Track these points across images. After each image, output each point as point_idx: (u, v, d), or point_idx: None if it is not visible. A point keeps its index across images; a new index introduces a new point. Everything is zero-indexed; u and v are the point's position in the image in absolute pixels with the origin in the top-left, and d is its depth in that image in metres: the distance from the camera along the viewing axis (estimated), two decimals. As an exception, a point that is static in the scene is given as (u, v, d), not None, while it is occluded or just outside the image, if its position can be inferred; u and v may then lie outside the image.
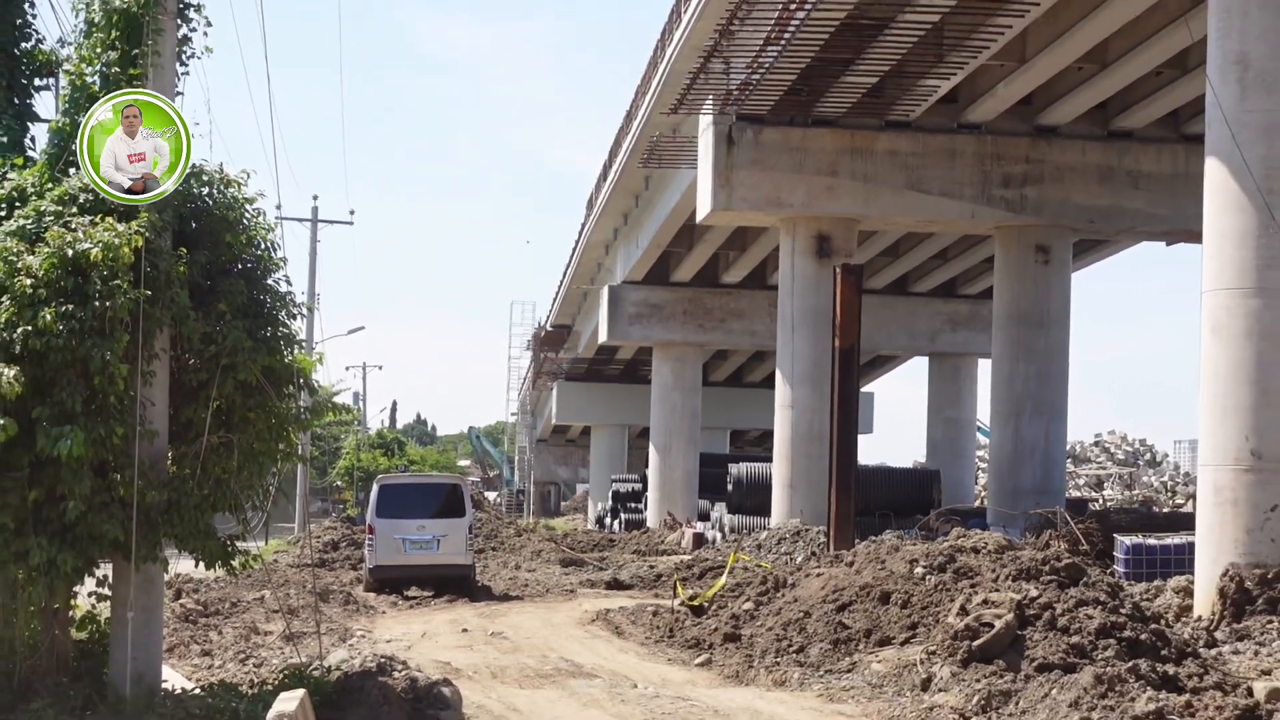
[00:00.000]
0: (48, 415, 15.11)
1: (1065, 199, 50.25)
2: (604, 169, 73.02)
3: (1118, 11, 39.55)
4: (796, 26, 41.67)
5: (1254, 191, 22.93)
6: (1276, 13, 22.96)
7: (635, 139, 61.62)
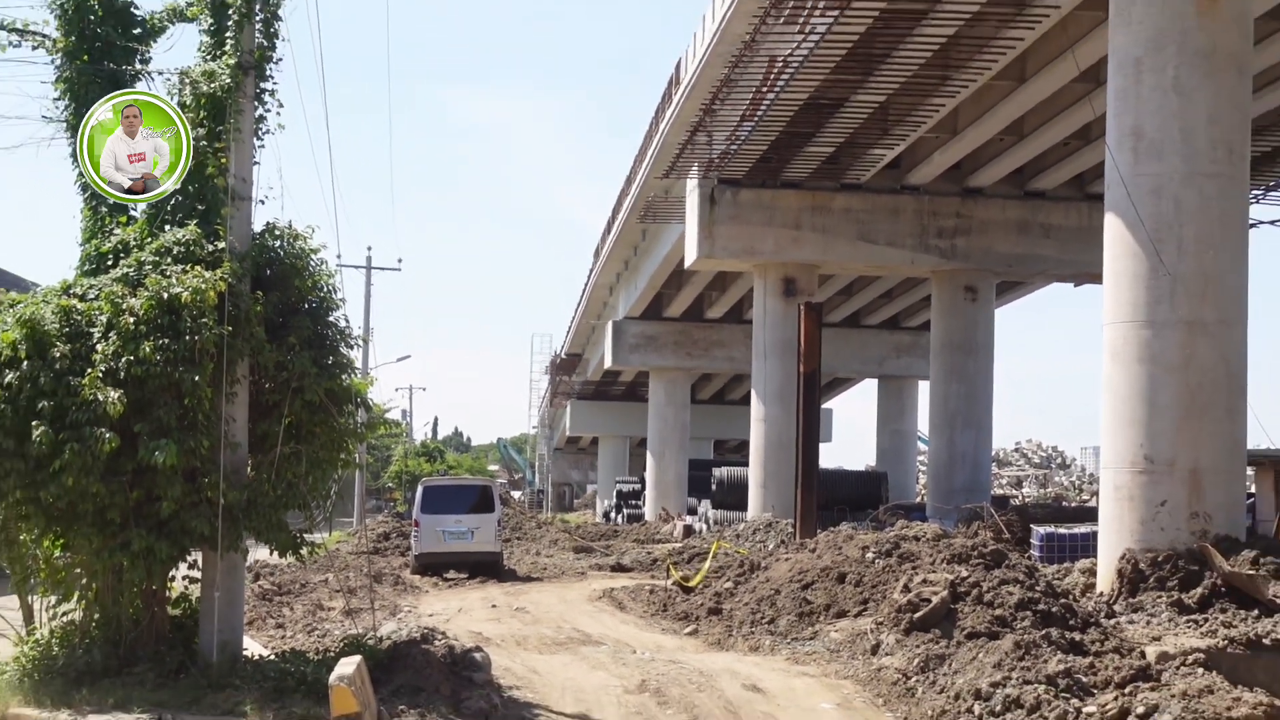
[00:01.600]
0: (146, 430, 15.15)
1: (989, 248, 50.42)
2: (608, 224, 73.08)
3: (1032, 93, 39.70)
4: (767, 106, 41.82)
5: (1145, 241, 22.97)
6: (1163, 94, 23.02)
7: (634, 199, 61.62)
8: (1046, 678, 15.99)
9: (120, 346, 15.28)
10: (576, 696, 18.03)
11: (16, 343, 15.32)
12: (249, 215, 16.76)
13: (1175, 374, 22.93)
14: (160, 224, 16.74)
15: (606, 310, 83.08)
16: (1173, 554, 22.10)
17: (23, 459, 15.08)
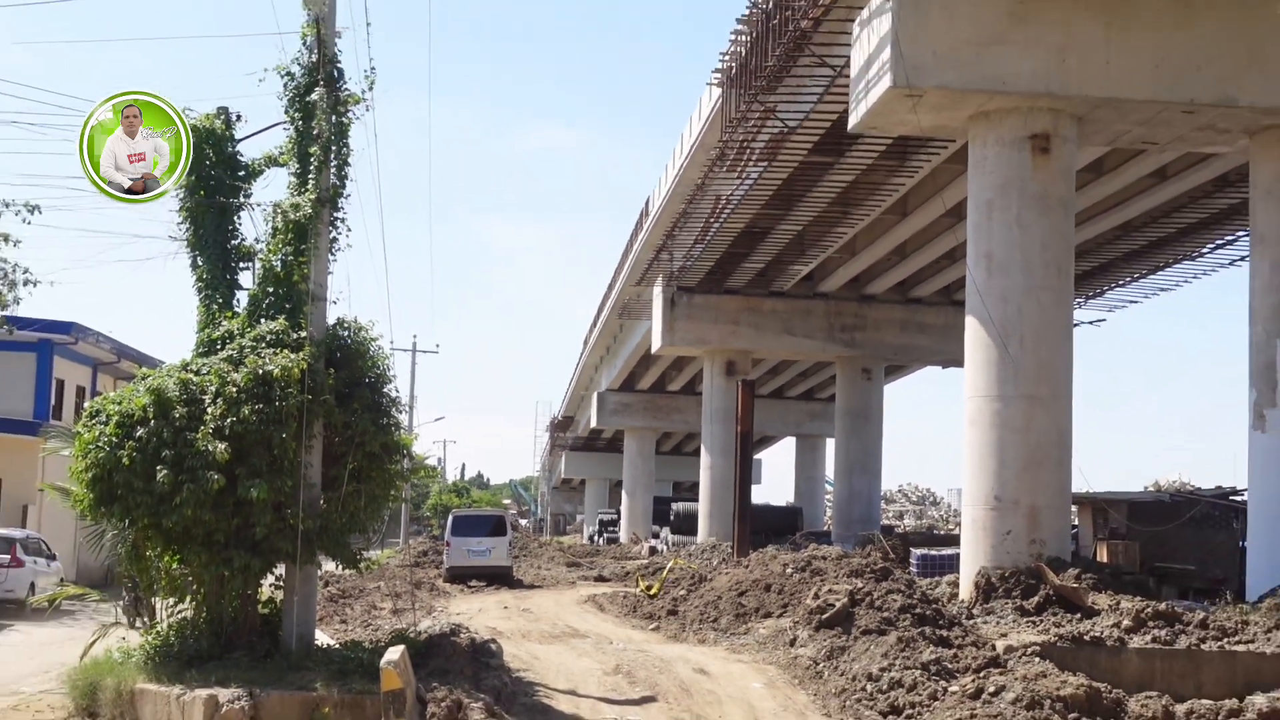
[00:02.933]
0: (245, 473, 15.09)
1: (880, 340, 50.60)
2: (594, 319, 73.41)
3: (911, 224, 39.95)
4: (713, 233, 42.03)
5: (995, 336, 23.00)
6: (1008, 228, 23.06)
7: (614, 301, 61.85)
8: (921, 665, 15.92)
9: (225, 410, 15.24)
10: (567, 676, 17.91)
11: (146, 406, 15.32)
12: (324, 312, 16.70)
13: (1018, 435, 22.91)
14: (257, 318, 16.67)
15: (593, 384, 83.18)
16: (1016, 571, 22.02)
17: (149, 495, 15.04)
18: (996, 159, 23.38)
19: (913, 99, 22.79)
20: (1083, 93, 22.70)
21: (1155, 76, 22.73)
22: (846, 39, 24.91)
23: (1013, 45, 22.48)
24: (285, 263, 16.64)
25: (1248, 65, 22.76)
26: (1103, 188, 33.80)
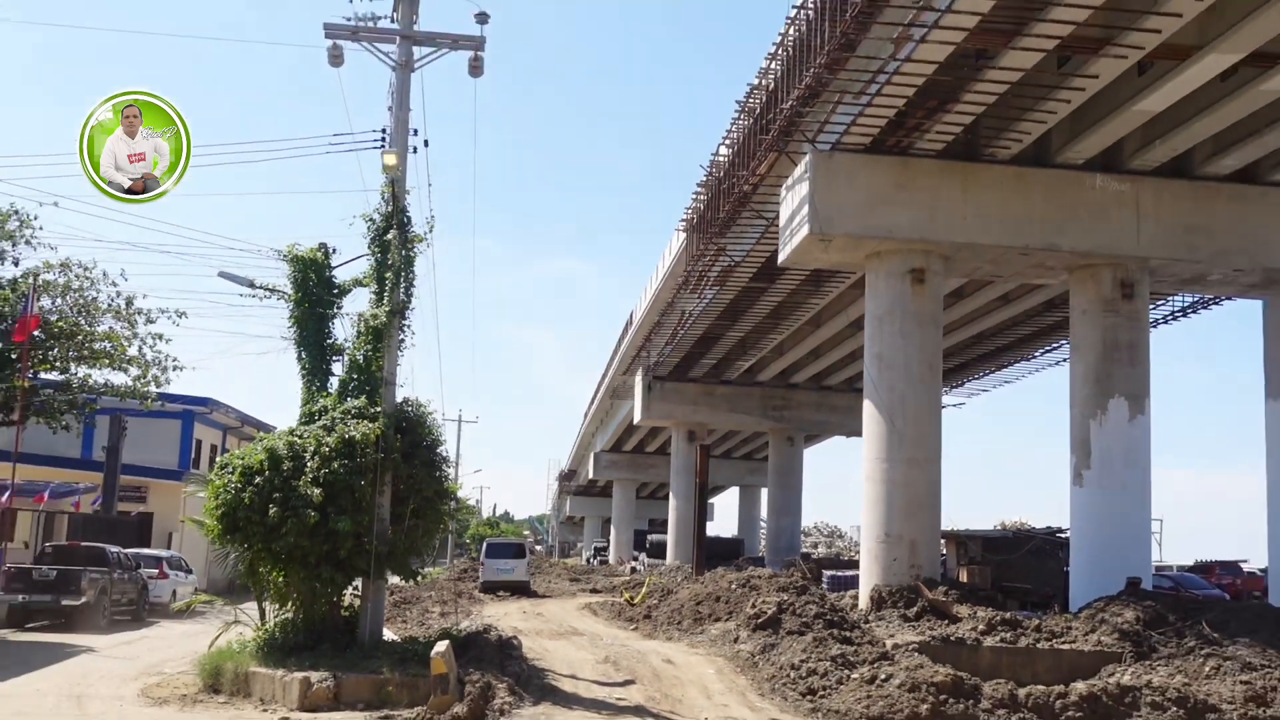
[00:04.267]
0: (333, 511, 14.97)
1: (801, 417, 50.65)
2: (592, 398, 73.56)
3: (824, 332, 40.14)
4: (680, 338, 42.21)
5: (885, 415, 23.04)
6: (895, 336, 23.20)
7: (607, 385, 62.08)
8: (830, 657, 15.77)
9: (320, 464, 15.17)
10: (569, 664, 17.72)
11: (262, 461, 15.26)
12: (394, 393, 16.65)
13: (901, 488, 22.88)
14: (344, 397, 16.61)
15: (590, 446, 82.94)
16: (900, 588, 21.91)
17: (263, 526, 14.96)
18: (886, 287, 23.55)
19: (825, 243, 22.99)
20: (947, 239, 22.91)
21: (1000, 228, 22.98)
22: (776, 199, 25.18)
23: (897, 205, 22.71)
24: (366, 357, 16.64)
25: (1066, 221, 23.01)
26: (963, 307, 34.07)
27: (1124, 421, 23.06)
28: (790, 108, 20.75)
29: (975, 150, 22.78)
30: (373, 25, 16.57)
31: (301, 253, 17.37)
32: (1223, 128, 21.54)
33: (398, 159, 16.36)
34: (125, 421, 35.56)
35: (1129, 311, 23.51)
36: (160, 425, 41.24)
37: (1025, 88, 20.00)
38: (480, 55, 16.91)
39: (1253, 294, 25.58)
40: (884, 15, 17.55)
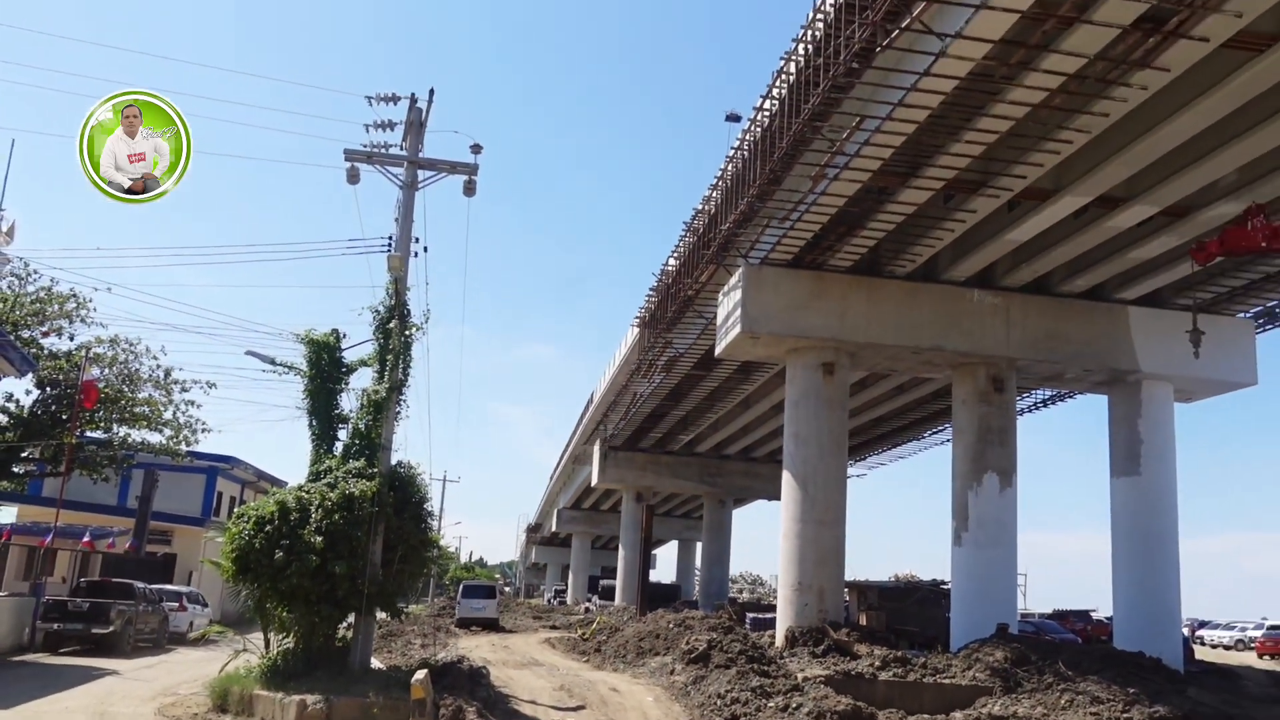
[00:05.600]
0: (332, 556, 14.65)
1: (732, 482, 50.46)
2: (557, 463, 72.99)
3: (751, 414, 40.19)
4: (630, 415, 42.08)
5: (799, 483, 23.07)
6: (809, 417, 23.34)
7: (570, 453, 61.58)
8: (751, 688, 15.55)
9: (323, 516, 14.87)
10: (530, 691, 17.33)
11: (273, 512, 14.94)
12: (389, 457, 16.43)
13: (812, 544, 22.83)
14: (347, 459, 16.37)
15: (554, 503, 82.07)
16: (810, 629, 21.75)
17: (271, 568, 14.60)
18: (802, 377, 23.74)
19: (754, 340, 23.19)
20: (853, 339, 23.18)
21: (896, 331, 23.29)
22: (715, 302, 25.41)
23: (813, 310, 23.00)
24: (367, 426, 16.45)
25: (951, 327, 23.40)
26: (866, 395, 34.35)
27: (996, 493, 23.26)
28: (727, 229, 21.07)
29: (877, 267, 23.19)
30: (384, 151, 16.69)
31: (317, 336, 17.24)
32: (1075, 255, 22.10)
33: (401, 262, 16.38)
34: (157, 475, 34.83)
35: (1000, 402, 23.85)
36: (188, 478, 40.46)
37: (918, 218, 20.46)
38: (473, 179, 17.06)
39: (1100, 390, 26.05)
40: (805, 157, 17.93)
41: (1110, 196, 19.04)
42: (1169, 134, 16.04)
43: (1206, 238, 19.57)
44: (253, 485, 47.29)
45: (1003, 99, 15.30)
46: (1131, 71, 14.34)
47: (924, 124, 16.10)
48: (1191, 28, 13.26)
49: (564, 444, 68.09)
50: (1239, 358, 24.98)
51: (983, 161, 17.68)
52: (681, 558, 75.75)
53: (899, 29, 13.72)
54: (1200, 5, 12.70)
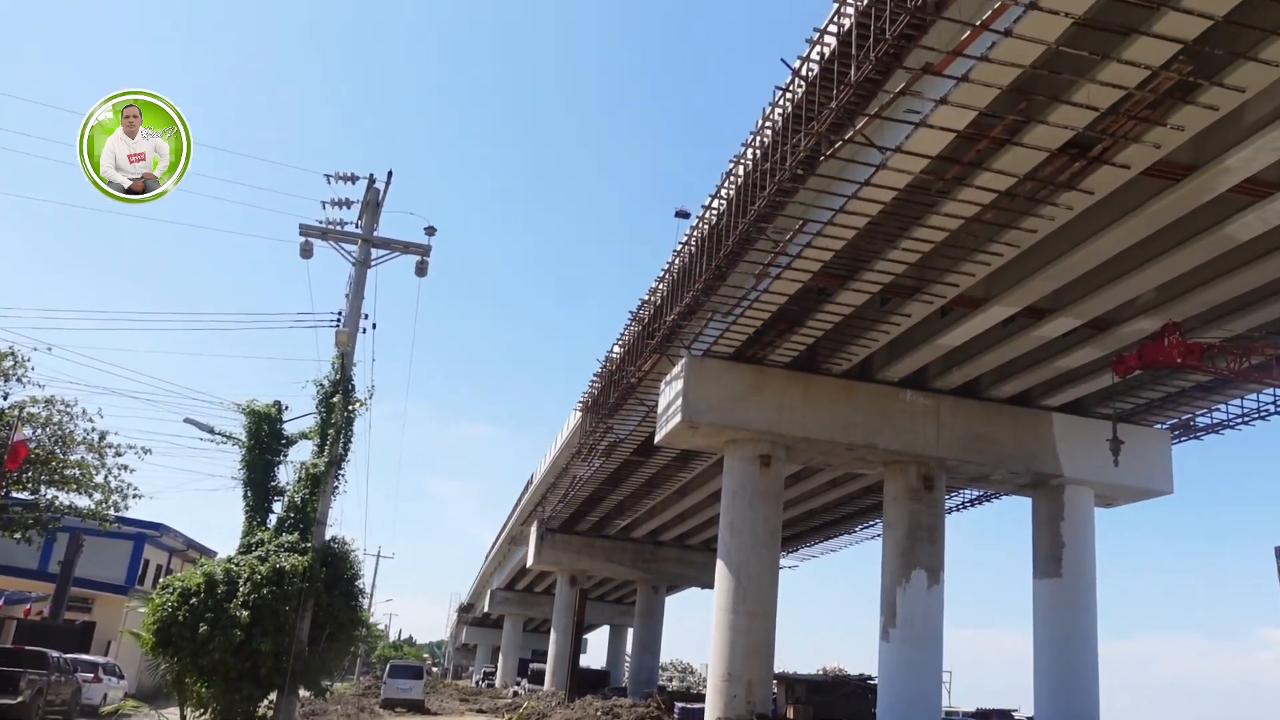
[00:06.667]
0: (257, 631, 14.16)
1: (666, 569, 49.82)
2: (493, 543, 71.60)
3: (687, 502, 39.92)
4: (570, 498, 41.64)
5: (733, 573, 22.89)
6: (744, 508, 23.27)
7: (507, 533, 60.59)
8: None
9: (251, 590, 14.42)
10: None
11: (200, 584, 14.46)
12: (324, 532, 16.03)
13: (743, 636, 22.55)
14: (280, 532, 15.94)
15: (488, 584, 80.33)
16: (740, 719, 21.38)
17: (193, 642, 14.06)
18: (739, 468, 23.74)
19: (693, 429, 23.20)
20: (790, 433, 23.31)
21: (831, 427, 23.47)
22: (657, 391, 25.46)
23: (751, 402, 23.13)
24: (303, 499, 16.07)
25: (882, 425, 23.66)
26: (800, 487, 34.42)
27: (924, 590, 23.29)
28: (672, 320, 21.24)
29: (815, 364, 23.47)
30: (339, 228, 16.66)
31: (258, 408, 16.90)
32: (1004, 361, 22.62)
33: (348, 338, 16.23)
34: (83, 540, 33.48)
35: (929, 500, 24.04)
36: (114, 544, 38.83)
37: (855, 319, 20.83)
38: (426, 260, 17.06)
39: (1024, 492, 26.41)
40: (749, 255, 18.23)
41: (1037, 308, 19.61)
42: (1092, 252, 16.64)
43: (1126, 351, 20.18)
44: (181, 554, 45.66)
45: (938, 211, 15.79)
46: (1058, 192, 14.93)
47: (864, 230, 16.52)
48: (1114, 155, 13.89)
49: (501, 524, 67.14)
50: (1156, 467, 25.57)
51: (918, 268, 18.13)
52: (612, 643, 74.35)
53: (842, 140, 14.15)
54: (1122, 135, 13.33)
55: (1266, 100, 12.95)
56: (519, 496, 54.55)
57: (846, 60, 13.16)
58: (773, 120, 15.57)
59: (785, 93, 14.89)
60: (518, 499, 55.19)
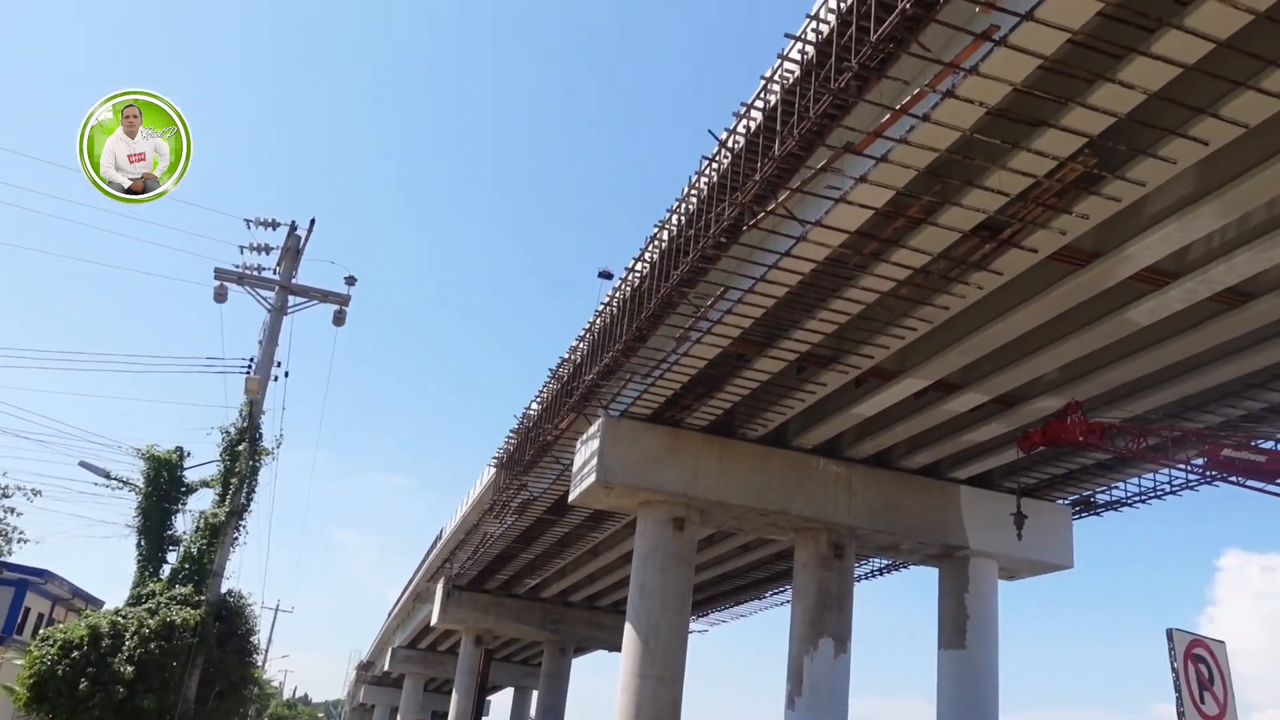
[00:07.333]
0: (142, 688, 13.50)
1: (574, 631, 48.99)
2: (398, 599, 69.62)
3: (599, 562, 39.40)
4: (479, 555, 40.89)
5: (641, 636, 22.62)
6: (655, 571, 23.09)
7: (412, 589, 59.02)
8: None
9: (138, 644, 13.83)
10: None
11: (83, 636, 13.76)
12: (220, 584, 15.45)
13: (649, 701, 22.20)
14: (174, 583, 15.32)
15: (390, 641, 77.90)
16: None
17: (72, 699, 13.33)
18: (652, 530, 23.60)
19: (608, 490, 23.05)
20: (704, 496, 23.30)
21: (745, 491, 23.54)
22: (573, 450, 25.28)
23: (667, 464, 23.10)
24: (200, 550, 15.51)
25: (796, 492, 23.83)
26: (712, 551, 34.36)
27: (830, 658, 23.32)
28: (591, 380, 21.20)
29: (731, 428, 23.61)
30: (257, 274, 16.32)
31: (159, 453, 16.32)
32: (915, 433, 23.06)
33: (259, 385, 15.82)
34: (-42, 585, 31.65)
35: (839, 568, 24.20)
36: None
37: (772, 386, 21.07)
38: (344, 310, 16.80)
39: (931, 562, 26.79)
40: (670, 318, 18.36)
41: (948, 382, 20.12)
42: (1000, 330, 17.18)
43: (1031, 428, 20.78)
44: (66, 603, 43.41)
45: (855, 285, 16.16)
46: (970, 271, 15.43)
47: (783, 299, 16.80)
48: (1023, 239, 14.44)
49: (407, 579, 65.41)
50: (1058, 541, 26.21)
51: (834, 339, 18.47)
52: (517, 706, 72.65)
53: (765, 211, 14.42)
54: (1031, 220, 13.88)
55: (1165, 195, 13.64)
56: (427, 552, 53.38)
57: (771, 135, 13.49)
58: (698, 188, 15.82)
59: (711, 162, 15.17)
60: (425, 554, 54.00)
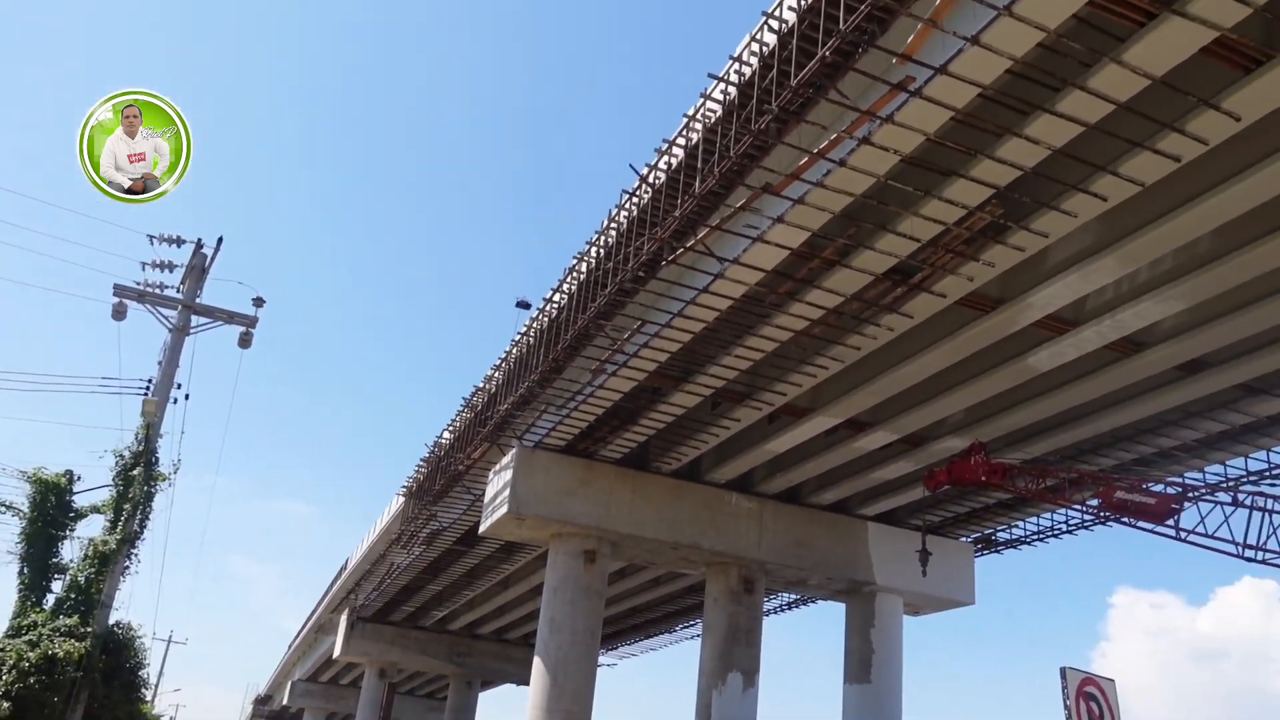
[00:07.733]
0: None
1: (481, 664, 48.15)
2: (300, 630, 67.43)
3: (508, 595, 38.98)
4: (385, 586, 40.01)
5: (550, 670, 22.34)
6: (565, 604, 22.86)
7: (315, 620, 57.41)
8: None
9: (16, 678, 13.07)
10: None
11: (-45, 671, 12.93)
12: (108, 615, 14.75)
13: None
14: (58, 614, 14.56)
15: (290, 674, 75.51)
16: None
17: (-61, 738, 12.50)
18: (563, 562, 23.40)
19: (519, 521, 22.80)
20: (616, 529, 23.21)
21: (658, 525, 23.53)
22: (484, 480, 24.98)
23: (579, 496, 22.97)
24: (88, 579, 14.80)
25: (708, 526, 23.91)
26: (624, 584, 34.22)
27: (739, 692, 23.36)
28: (506, 409, 21.01)
29: (645, 462, 23.62)
30: (159, 292, 15.78)
31: (46, 476, 15.56)
32: (825, 470, 23.40)
33: (156, 408, 15.25)
34: None
35: (749, 603, 24.32)
36: None
37: (686, 420, 21.18)
38: (251, 332, 16.33)
39: (839, 598, 27.10)
40: (587, 350, 18.35)
41: (858, 420, 20.49)
42: (909, 372, 17.59)
43: (937, 467, 21.25)
44: (-61, 632, 41.12)
45: (770, 322, 16.38)
46: (881, 313, 15.78)
47: (699, 335, 16.94)
48: (932, 284, 14.84)
49: (309, 610, 63.53)
50: (961, 578, 26.79)
51: (749, 375, 18.67)
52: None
53: (684, 247, 14.55)
54: (940, 266, 14.28)
55: (1066, 246, 14.18)
56: (331, 582, 51.99)
57: (692, 172, 13.64)
58: (618, 222, 15.89)
59: (632, 197, 15.26)
60: (329, 585, 52.60)
